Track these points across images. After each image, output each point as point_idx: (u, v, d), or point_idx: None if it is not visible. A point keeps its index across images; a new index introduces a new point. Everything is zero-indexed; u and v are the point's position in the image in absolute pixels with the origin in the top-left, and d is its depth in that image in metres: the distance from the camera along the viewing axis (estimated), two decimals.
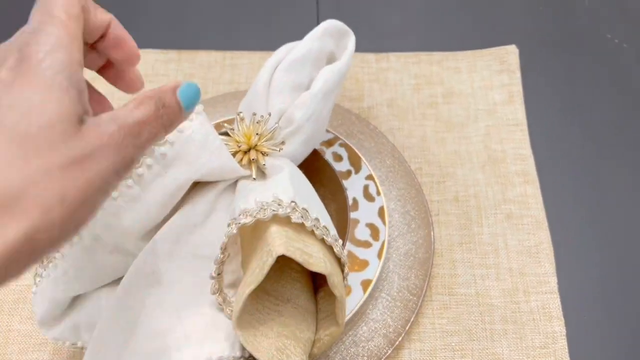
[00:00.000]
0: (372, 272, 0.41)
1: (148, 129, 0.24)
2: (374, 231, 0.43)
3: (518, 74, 0.51)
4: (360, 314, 0.41)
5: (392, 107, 0.50)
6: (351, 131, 0.48)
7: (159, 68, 0.53)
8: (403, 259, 0.43)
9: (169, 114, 0.25)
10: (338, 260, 0.34)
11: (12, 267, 0.20)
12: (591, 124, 0.50)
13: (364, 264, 0.41)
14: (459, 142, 0.48)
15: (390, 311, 0.41)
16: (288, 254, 0.31)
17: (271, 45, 0.55)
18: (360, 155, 0.45)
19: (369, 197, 0.44)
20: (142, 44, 0.55)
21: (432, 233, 0.43)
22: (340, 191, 0.42)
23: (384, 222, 0.43)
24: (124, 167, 0.23)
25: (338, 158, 0.45)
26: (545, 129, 0.49)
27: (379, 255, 0.41)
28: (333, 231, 0.34)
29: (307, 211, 0.33)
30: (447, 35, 0.55)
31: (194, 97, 0.27)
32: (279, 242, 0.31)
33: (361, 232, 0.43)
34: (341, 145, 0.46)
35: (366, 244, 0.42)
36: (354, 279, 0.41)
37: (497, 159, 0.47)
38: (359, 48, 0.54)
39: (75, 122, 0.21)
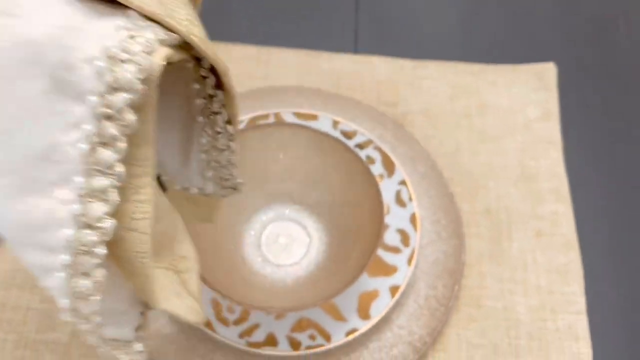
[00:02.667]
0: (401, 278, 0.40)
1: None
2: (405, 237, 0.42)
3: (555, 92, 0.51)
4: (386, 319, 0.40)
5: (426, 115, 0.50)
6: (385, 135, 0.48)
7: None
8: (431, 267, 0.42)
9: None
10: None
11: None
12: (627, 146, 0.49)
13: (392, 270, 0.41)
14: (492, 155, 0.48)
15: (416, 319, 0.40)
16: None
17: (307, 44, 0.55)
18: (393, 159, 0.45)
19: (400, 202, 0.44)
20: None
21: (463, 243, 0.43)
22: (376, 196, 0.41)
23: (415, 229, 0.42)
24: None
25: (371, 161, 0.45)
26: (580, 149, 0.49)
27: (409, 262, 0.41)
28: None
29: None
30: (485, 47, 0.54)
31: None
32: None
33: (391, 238, 0.42)
34: (375, 148, 0.45)
35: (396, 250, 0.42)
36: (382, 284, 0.40)
37: (530, 175, 0.47)
38: (396, 53, 0.54)
39: None
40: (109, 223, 0.21)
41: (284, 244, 0.43)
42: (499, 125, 0.49)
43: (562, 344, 0.40)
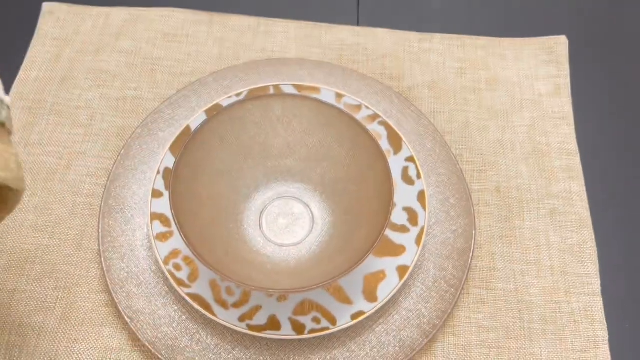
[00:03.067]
0: (409, 259, 0.38)
1: None
2: (412, 216, 0.40)
3: (566, 66, 0.49)
4: (392, 301, 0.39)
5: (433, 89, 0.48)
6: (390, 110, 0.46)
7: (188, 29, 0.50)
8: (440, 248, 0.40)
9: None
10: None
11: None
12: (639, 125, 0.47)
13: (400, 250, 0.39)
14: (502, 131, 0.46)
15: (425, 301, 0.39)
16: None
17: (307, 15, 0.52)
18: (401, 135, 0.43)
19: (408, 179, 0.42)
20: (172, 3, 0.52)
21: (474, 223, 0.41)
22: (384, 171, 0.39)
23: (423, 207, 0.40)
24: None
25: (377, 136, 0.43)
26: (592, 125, 0.47)
27: (418, 242, 0.39)
28: None
29: None
30: (493, 20, 0.52)
31: None
32: None
33: (398, 216, 0.40)
34: (381, 123, 0.43)
35: (403, 229, 0.40)
36: (389, 264, 0.38)
37: (541, 152, 0.45)
38: (401, 26, 0.51)
39: None
40: None
41: (286, 223, 0.41)
42: (508, 101, 0.47)
43: (577, 327, 0.39)
